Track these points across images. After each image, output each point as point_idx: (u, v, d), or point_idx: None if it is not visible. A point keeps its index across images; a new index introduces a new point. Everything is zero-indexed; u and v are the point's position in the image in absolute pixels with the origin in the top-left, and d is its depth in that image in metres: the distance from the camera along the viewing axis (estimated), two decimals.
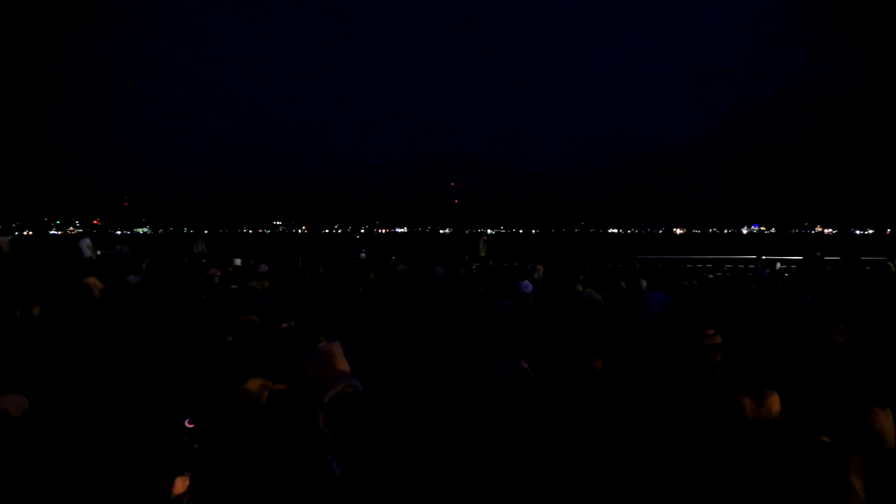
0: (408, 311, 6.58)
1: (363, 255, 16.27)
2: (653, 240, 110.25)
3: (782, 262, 15.06)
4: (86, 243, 12.78)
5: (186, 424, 2.81)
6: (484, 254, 17.12)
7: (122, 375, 4.29)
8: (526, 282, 5.87)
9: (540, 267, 10.06)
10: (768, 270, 12.35)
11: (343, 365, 3.61)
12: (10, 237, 13.24)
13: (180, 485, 2.23)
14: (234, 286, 7.87)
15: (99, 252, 12.98)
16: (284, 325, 5.17)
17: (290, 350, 4.65)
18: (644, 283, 7.47)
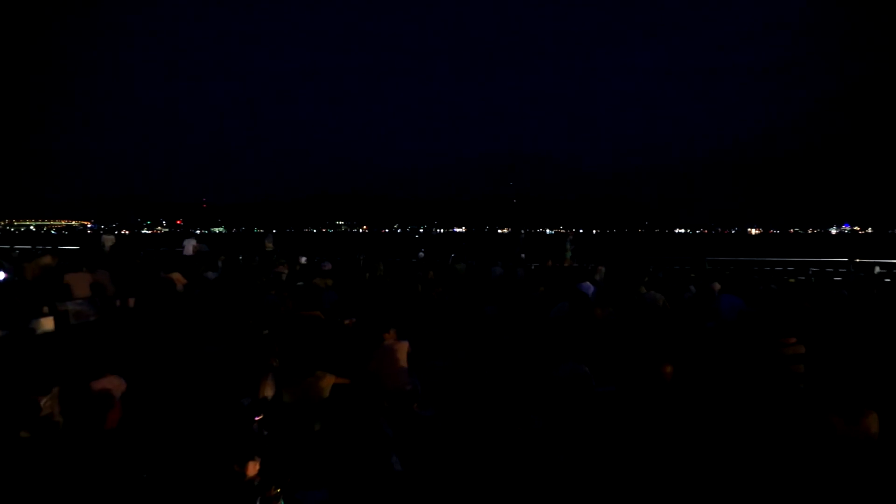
0: (466, 309, 6.60)
1: (422, 254, 16.51)
2: (724, 240, 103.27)
3: (882, 265, 13.39)
4: (191, 243, 14.08)
5: (256, 418, 2.99)
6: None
7: (200, 364, 4.63)
8: (587, 283, 5.69)
9: (601, 268, 9.73)
10: (863, 274, 11.15)
11: (403, 363, 3.67)
12: (114, 235, 14.67)
13: (252, 468, 2.37)
14: (300, 283, 8.26)
15: (198, 249, 14.08)
16: (347, 322, 5.35)
17: (352, 346, 4.82)
18: (717, 287, 7.00)
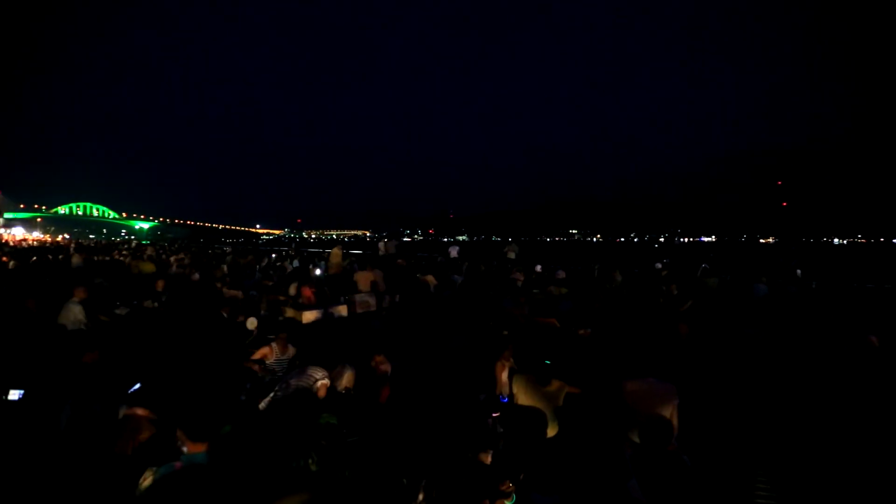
0: (718, 330, 5.71)
1: (659, 265, 14.92)
2: None
3: None
4: (455, 249, 16.66)
5: (493, 415, 3.20)
6: None
7: (447, 355, 5.18)
8: None
9: None
10: None
11: (663, 399, 3.27)
12: (396, 242, 18.22)
13: (485, 460, 2.58)
14: (535, 290, 8.55)
15: (457, 255, 16.46)
16: (582, 332, 5.28)
17: (585, 356, 4.72)
18: None
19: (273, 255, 19.59)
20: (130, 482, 2.28)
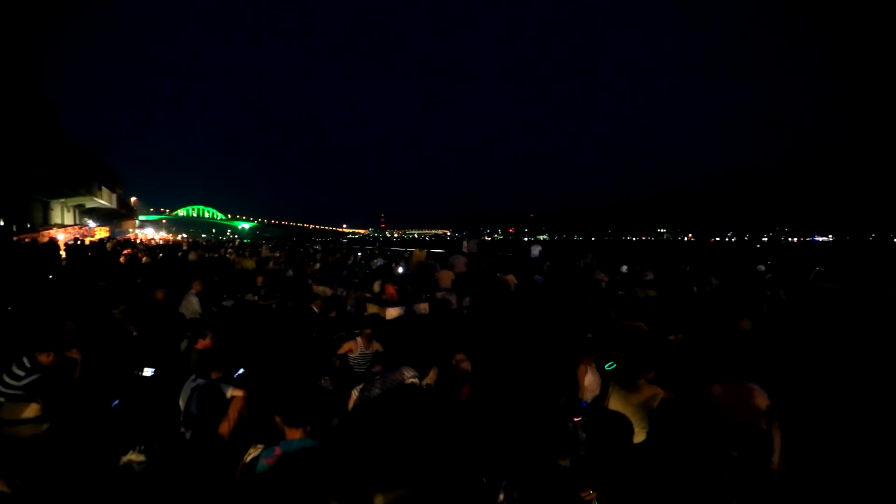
0: (834, 341, 5.07)
1: (762, 267, 13.50)
2: None
3: None
4: (537, 248, 16.53)
5: (574, 419, 3.11)
6: None
7: (528, 356, 5.12)
8: None
9: None
10: None
11: (762, 405, 3.00)
12: (477, 241, 18.50)
13: (564, 463, 2.52)
14: (620, 292, 8.16)
15: (538, 254, 16.33)
16: (672, 338, 4.96)
17: (677, 362, 4.41)
18: None
19: (359, 254, 20.62)
20: (234, 456, 2.54)
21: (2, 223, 22.51)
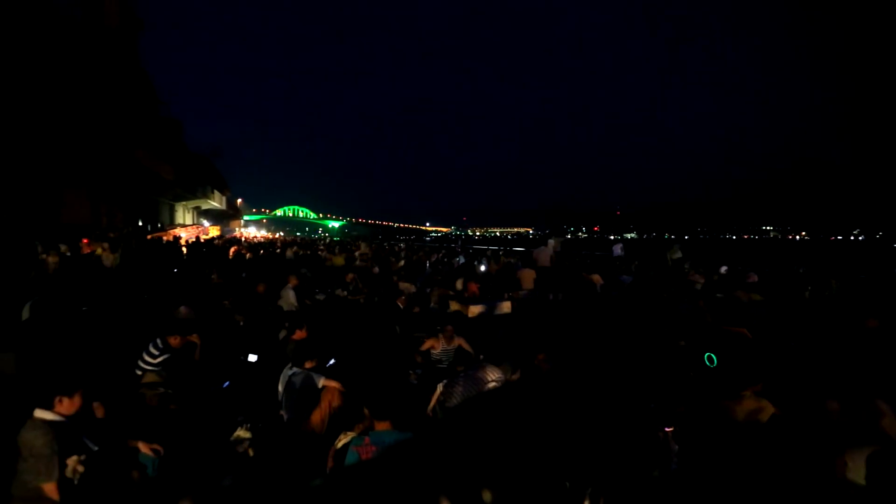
0: None
1: None
2: None
3: None
4: (619, 247, 15.97)
5: (665, 430, 2.92)
6: None
7: (613, 360, 4.88)
8: None
9: None
10: None
11: None
12: (561, 239, 18.08)
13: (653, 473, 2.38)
14: (718, 294, 7.52)
15: (621, 253, 15.72)
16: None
17: (785, 374, 3.98)
18: None
19: (442, 252, 21.03)
20: (326, 441, 2.71)
21: (140, 223, 26.04)
